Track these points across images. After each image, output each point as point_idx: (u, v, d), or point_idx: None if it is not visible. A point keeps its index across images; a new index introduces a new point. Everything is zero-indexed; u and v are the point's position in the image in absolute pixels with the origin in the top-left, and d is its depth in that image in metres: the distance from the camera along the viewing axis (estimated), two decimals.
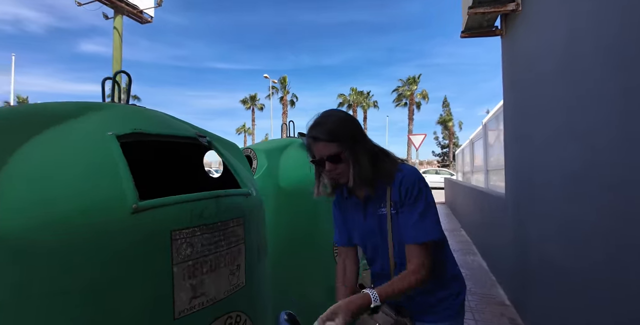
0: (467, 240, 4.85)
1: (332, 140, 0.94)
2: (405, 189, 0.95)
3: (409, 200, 0.95)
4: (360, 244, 1.11)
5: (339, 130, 0.95)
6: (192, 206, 0.90)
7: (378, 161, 0.99)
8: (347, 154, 0.95)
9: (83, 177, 0.79)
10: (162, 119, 1.15)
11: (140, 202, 0.81)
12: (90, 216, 0.74)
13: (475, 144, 6.11)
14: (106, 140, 0.90)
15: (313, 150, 0.98)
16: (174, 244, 0.84)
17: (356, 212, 1.08)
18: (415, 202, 0.94)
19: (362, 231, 1.07)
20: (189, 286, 0.86)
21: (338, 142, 0.94)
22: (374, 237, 1.05)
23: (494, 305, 2.49)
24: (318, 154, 0.97)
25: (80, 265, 0.71)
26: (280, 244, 2.02)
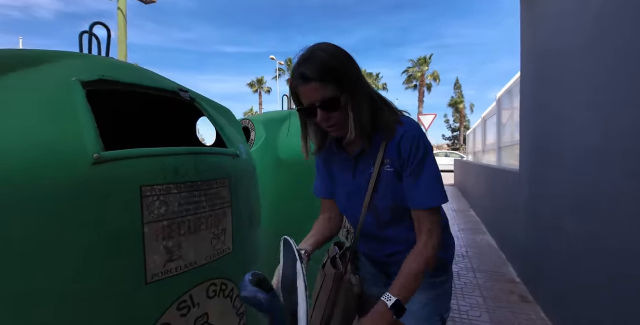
0: (476, 220, 4.75)
1: (327, 79, 0.73)
2: (409, 147, 0.79)
3: (414, 161, 0.80)
4: (345, 205, 0.95)
5: (335, 67, 0.74)
6: (164, 161, 0.80)
7: (378, 109, 0.82)
8: (345, 98, 0.76)
9: (38, 125, 0.69)
10: (140, 71, 1.04)
11: (104, 153, 0.71)
12: (46, 167, 0.65)
13: (487, 121, 5.89)
14: (69, 86, 0.79)
15: (300, 94, 0.77)
16: (144, 200, 0.75)
17: (344, 169, 0.92)
18: (423, 163, 0.80)
19: (349, 191, 0.91)
20: (163, 248, 0.78)
21: (334, 83, 0.74)
22: (357, 198, 0.90)
23: (503, 283, 2.40)
24: (308, 99, 0.76)
25: (34, 223, 0.62)
26: (281, 216, 1.94)
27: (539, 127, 2.32)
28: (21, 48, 0.91)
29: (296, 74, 0.75)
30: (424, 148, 0.79)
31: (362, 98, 0.78)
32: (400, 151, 0.80)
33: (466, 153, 11.63)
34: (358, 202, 0.89)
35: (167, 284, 0.78)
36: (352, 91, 0.76)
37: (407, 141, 0.79)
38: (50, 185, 0.64)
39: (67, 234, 0.65)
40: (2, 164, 0.61)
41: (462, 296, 2.19)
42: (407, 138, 0.80)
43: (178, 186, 0.82)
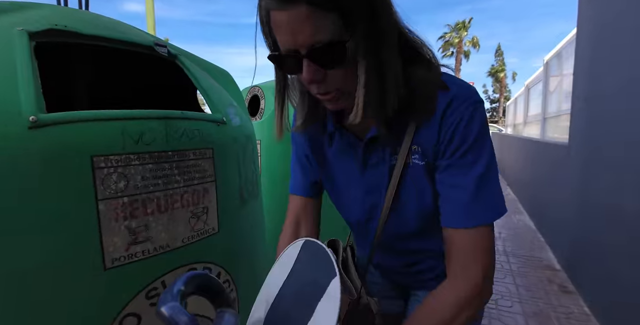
0: (513, 198, 4.44)
1: (326, 5, 0.41)
2: (455, 124, 0.50)
3: (459, 148, 0.50)
4: (349, 209, 0.68)
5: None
6: (125, 126, 0.68)
7: (410, 65, 0.52)
8: (356, 46, 0.44)
9: None
10: (112, 24, 0.90)
11: (43, 115, 0.59)
12: None
13: (531, 90, 5.34)
14: (9, 37, 0.67)
15: (276, 26, 0.45)
16: (97, 173, 0.64)
17: (348, 158, 0.63)
18: (475, 153, 0.50)
19: (356, 190, 0.64)
20: (125, 229, 0.67)
21: (339, 13, 0.41)
22: (370, 200, 0.63)
23: (540, 270, 2.20)
24: (289, 38, 0.44)
25: None
26: None
27: (597, 93, 1.98)
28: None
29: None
30: (479, 128, 0.50)
31: (388, 47, 0.46)
32: (440, 131, 0.51)
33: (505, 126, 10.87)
34: (371, 207, 0.63)
35: (132, 270, 0.69)
36: (370, 34, 0.44)
37: (455, 114, 0.50)
38: None
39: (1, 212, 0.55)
40: None
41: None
42: (456, 110, 0.50)
43: (141, 156, 0.69)
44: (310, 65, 0.46)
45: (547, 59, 4.08)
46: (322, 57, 0.45)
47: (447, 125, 0.51)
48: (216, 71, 1.29)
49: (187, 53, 1.23)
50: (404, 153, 0.54)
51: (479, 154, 0.50)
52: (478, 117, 0.50)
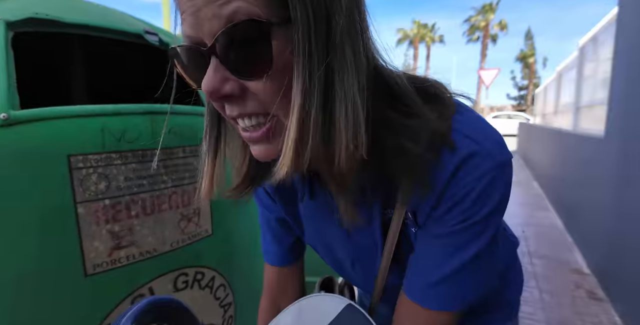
0: (539, 194, 4.25)
1: None
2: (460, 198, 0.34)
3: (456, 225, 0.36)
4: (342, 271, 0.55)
5: None
6: (105, 123, 0.64)
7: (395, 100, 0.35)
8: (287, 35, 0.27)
9: None
10: (98, 11, 0.86)
11: (15, 112, 0.56)
12: None
13: (563, 76, 5.04)
14: None
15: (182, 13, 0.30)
16: (75, 174, 0.60)
17: (325, 218, 0.47)
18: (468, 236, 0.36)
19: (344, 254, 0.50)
20: (107, 233, 0.64)
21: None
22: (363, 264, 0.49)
23: (567, 273, 2.08)
24: (191, 25, 0.29)
25: None
26: None
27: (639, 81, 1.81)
28: None
29: None
30: (496, 204, 0.35)
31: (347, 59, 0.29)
32: (440, 202, 0.36)
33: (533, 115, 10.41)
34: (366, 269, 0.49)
35: (116, 276, 0.66)
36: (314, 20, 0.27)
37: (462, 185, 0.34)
38: None
39: None
40: None
41: None
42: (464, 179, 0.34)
43: (123, 155, 0.66)
44: (217, 65, 0.29)
45: (582, 43, 3.81)
46: (235, 52, 0.28)
47: (449, 196, 0.34)
48: None
49: None
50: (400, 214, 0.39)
51: (481, 232, 0.35)
52: (498, 188, 0.34)
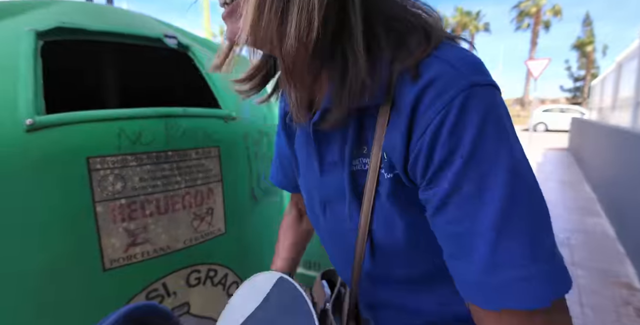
0: (590, 197, 3.94)
1: None
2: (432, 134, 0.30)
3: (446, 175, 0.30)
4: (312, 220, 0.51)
5: None
6: (122, 126, 0.69)
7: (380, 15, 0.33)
8: None
9: None
10: (121, 17, 0.92)
11: (40, 117, 0.62)
12: None
13: (623, 67, 4.60)
14: (17, 38, 0.71)
15: None
16: (94, 175, 0.65)
17: (307, 151, 0.45)
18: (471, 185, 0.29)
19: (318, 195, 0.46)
20: (123, 231, 0.69)
21: None
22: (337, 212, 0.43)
23: (615, 287, 1.92)
24: None
25: None
26: None
27: None
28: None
29: None
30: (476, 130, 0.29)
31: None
32: (411, 140, 0.32)
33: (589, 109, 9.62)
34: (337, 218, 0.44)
35: (131, 271, 0.71)
36: None
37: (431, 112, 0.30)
38: None
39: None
40: None
41: None
42: (433, 104, 0.30)
43: (138, 157, 0.70)
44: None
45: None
46: None
47: (420, 131, 0.31)
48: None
49: (206, 40, 1.22)
50: (376, 156, 0.35)
51: (487, 176, 0.28)
52: (475, 111, 0.29)
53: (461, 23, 26.44)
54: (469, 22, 26.56)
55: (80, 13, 0.85)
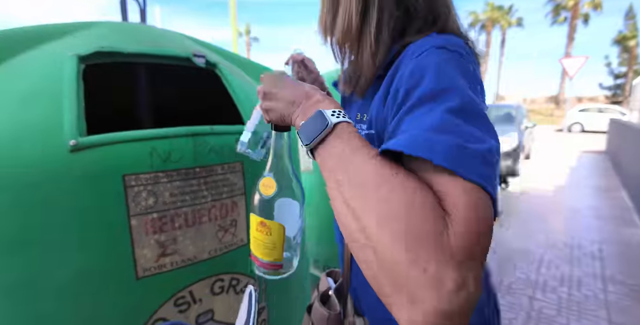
0: (627, 206, 3.75)
1: None
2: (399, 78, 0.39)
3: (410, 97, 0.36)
4: None
5: None
6: (154, 145, 0.74)
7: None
8: None
9: (20, 106, 0.69)
10: (153, 37, 0.97)
11: (82, 139, 0.68)
12: (18, 152, 0.65)
13: None
14: (62, 62, 0.77)
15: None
16: (129, 191, 0.71)
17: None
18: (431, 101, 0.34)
19: None
20: (155, 242, 0.75)
21: None
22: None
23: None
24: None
25: (9, 209, 0.64)
26: None
27: None
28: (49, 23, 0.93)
29: None
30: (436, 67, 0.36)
31: None
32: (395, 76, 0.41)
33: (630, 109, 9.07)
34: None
35: (161, 280, 0.76)
36: None
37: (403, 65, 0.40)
38: (25, 175, 0.64)
39: (45, 227, 0.66)
40: None
41: (578, 315, 1.75)
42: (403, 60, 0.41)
43: (169, 174, 0.75)
44: None
45: None
46: None
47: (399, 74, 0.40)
48: (260, 71, 1.32)
49: (235, 56, 1.27)
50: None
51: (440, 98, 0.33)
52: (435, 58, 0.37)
53: (492, 18, 25.53)
54: (500, 17, 25.60)
55: (117, 34, 0.91)
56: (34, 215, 0.65)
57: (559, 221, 3.17)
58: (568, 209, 3.55)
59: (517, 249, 2.51)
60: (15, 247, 0.65)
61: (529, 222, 3.13)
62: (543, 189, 4.45)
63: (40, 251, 0.66)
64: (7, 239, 0.65)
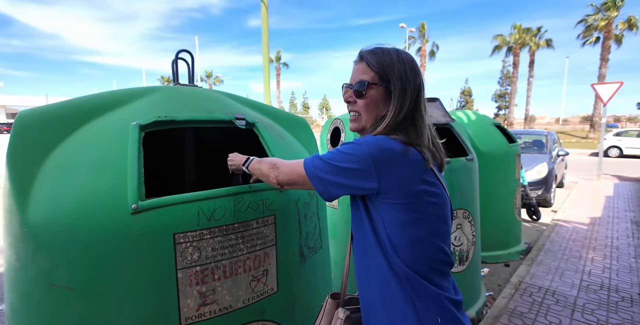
0: None
1: (375, 68, 0.77)
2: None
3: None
4: None
5: (392, 65, 0.76)
6: (201, 206, 0.85)
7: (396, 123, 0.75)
8: (375, 92, 0.77)
9: (93, 173, 0.82)
10: (203, 102, 1.11)
11: (142, 202, 0.79)
12: (90, 215, 0.77)
13: None
14: (125, 132, 0.90)
15: (352, 72, 0.83)
16: (177, 247, 0.81)
17: None
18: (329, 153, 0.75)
19: None
20: (197, 293, 0.84)
21: (379, 74, 0.76)
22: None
23: None
24: (352, 78, 0.82)
25: (77, 262, 0.76)
26: None
27: None
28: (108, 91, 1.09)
29: (359, 53, 0.82)
30: (340, 148, 0.73)
31: (398, 103, 0.75)
32: None
33: None
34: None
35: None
36: (388, 90, 0.77)
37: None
38: (95, 234, 0.76)
39: (107, 279, 0.76)
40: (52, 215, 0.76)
41: None
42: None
43: (212, 231, 0.85)
44: (347, 90, 0.83)
45: None
46: (357, 88, 0.79)
47: None
48: (292, 121, 1.44)
49: (269, 109, 1.40)
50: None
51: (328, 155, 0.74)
52: (347, 146, 0.72)
53: (519, 41, 25.30)
54: (528, 40, 25.32)
55: (171, 101, 1.05)
56: (99, 269, 0.76)
57: (594, 259, 3.03)
58: (605, 246, 3.38)
59: (548, 288, 2.42)
60: (84, 296, 0.76)
61: (562, 259, 3.00)
62: (577, 221, 4.26)
63: (102, 300, 0.77)
64: (79, 289, 0.76)
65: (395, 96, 0.75)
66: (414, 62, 0.78)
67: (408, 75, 0.76)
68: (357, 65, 0.80)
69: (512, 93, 26.34)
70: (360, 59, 0.80)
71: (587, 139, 20.69)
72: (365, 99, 0.78)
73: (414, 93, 0.76)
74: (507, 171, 3.07)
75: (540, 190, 4.92)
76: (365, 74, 0.77)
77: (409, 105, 0.76)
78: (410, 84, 0.76)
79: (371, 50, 0.79)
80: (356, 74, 0.80)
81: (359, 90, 0.78)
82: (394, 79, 0.75)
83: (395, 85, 0.75)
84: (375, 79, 0.76)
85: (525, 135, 6.25)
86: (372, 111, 0.79)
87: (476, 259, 2.13)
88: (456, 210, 1.94)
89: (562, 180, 6.51)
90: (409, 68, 0.76)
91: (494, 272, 2.83)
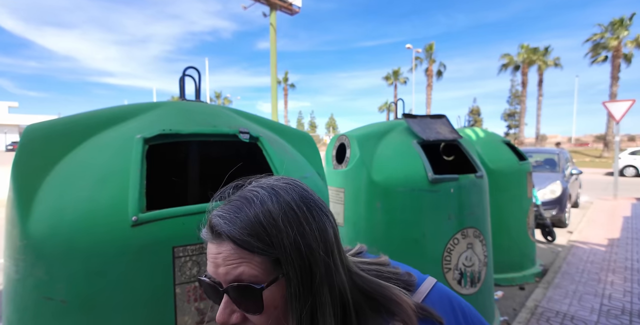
0: None
1: (253, 247, 0.39)
2: None
3: None
4: None
5: (276, 229, 0.40)
6: (200, 218, 0.84)
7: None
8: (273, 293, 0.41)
9: (97, 185, 0.83)
10: (208, 116, 1.13)
11: (142, 214, 0.79)
12: (90, 226, 0.77)
13: None
14: (130, 145, 0.92)
15: (207, 252, 0.44)
16: (176, 261, 0.80)
17: None
18: None
19: None
20: (195, 310, 0.82)
21: (266, 255, 0.40)
22: None
23: None
24: (213, 268, 0.42)
25: (75, 275, 0.75)
26: (373, 244, 1.83)
27: None
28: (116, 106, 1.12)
29: (206, 220, 0.45)
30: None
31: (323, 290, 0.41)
32: None
33: None
34: None
35: None
36: (302, 283, 0.40)
37: None
38: (95, 247, 0.76)
39: (105, 292, 0.75)
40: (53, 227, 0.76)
41: None
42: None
43: None
44: (227, 303, 0.42)
45: None
46: (240, 298, 0.41)
47: None
48: (296, 136, 1.45)
49: (274, 124, 1.41)
50: None
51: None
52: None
53: (527, 61, 25.55)
54: (536, 59, 25.57)
55: (177, 115, 1.07)
56: (96, 282, 0.75)
57: (614, 282, 2.90)
58: (625, 268, 3.24)
59: (566, 313, 2.31)
60: (79, 310, 0.75)
61: (580, 282, 2.88)
62: (595, 242, 4.12)
63: (98, 315, 0.76)
64: (75, 303, 0.75)
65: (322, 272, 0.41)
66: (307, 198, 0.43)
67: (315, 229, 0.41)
68: (219, 246, 0.41)
69: (522, 112, 26.36)
70: (216, 236, 0.41)
71: (601, 158, 20.38)
72: (268, 311, 0.41)
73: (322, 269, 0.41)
74: (519, 189, 3.01)
75: (555, 210, 4.80)
76: (245, 263, 0.40)
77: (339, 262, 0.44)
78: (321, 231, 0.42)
79: (229, 218, 0.40)
80: (225, 265, 0.40)
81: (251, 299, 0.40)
82: (296, 246, 0.40)
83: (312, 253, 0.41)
84: (270, 266, 0.40)
85: (536, 154, 6.17)
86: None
87: (489, 281, 2.06)
88: (466, 228, 1.90)
89: (577, 200, 6.35)
90: (305, 217, 0.42)
91: (508, 295, 2.73)
